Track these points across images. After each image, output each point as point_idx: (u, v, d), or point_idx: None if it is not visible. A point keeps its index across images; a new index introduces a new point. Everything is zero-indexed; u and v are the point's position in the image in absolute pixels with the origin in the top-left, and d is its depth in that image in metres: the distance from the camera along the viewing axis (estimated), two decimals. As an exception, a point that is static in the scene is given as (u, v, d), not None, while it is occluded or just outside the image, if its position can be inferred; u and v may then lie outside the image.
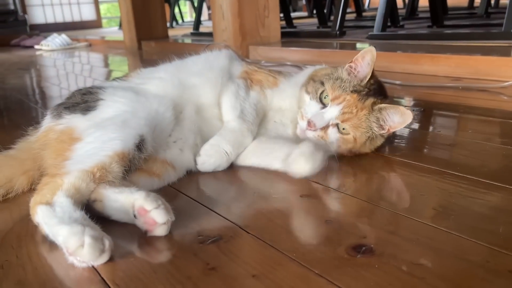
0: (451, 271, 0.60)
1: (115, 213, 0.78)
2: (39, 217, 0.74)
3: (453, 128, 1.25)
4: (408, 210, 0.77)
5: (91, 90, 1.01)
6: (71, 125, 0.92)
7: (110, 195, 0.78)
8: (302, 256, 0.65)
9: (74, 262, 0.65)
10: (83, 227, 0.66)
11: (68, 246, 0.65)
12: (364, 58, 0.98)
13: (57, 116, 0.95)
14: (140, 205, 0.72)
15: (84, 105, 0.96)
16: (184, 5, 8.91)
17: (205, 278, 0.62)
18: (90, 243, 0.64)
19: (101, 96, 0.98)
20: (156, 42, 4.17)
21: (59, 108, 0.98)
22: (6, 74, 3.16)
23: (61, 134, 0.91)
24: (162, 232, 0.73)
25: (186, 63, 1.16)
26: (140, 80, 1.10)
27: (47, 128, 0.95)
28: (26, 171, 0.95)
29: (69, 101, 0.99)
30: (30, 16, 7.62)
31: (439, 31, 2.96)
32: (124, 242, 0.72)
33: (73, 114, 0.94)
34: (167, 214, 0.72)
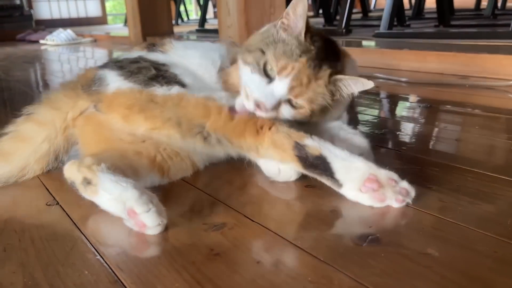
0: (458, 261, 0.59)
1: (107, 203, 0.74)
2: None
3: (459, 124, 1.24)
4: (414, 201, 0.76)
5: (156, 65, 0.93)
6: (181, 91, 0.87)
7: (106, 182, 0.73)
8: (307, 244, 0.65)
9: (391, 193, 0.73)
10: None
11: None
12: (296, 10, 0.82)
13: (145, 84, 0.88)
14: (130, 206, 0.68)
15: (176, 79, 0.90)
16: (189, 3, 8.91)
17: (209, 264, 0.61)
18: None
19: (178, 75, 0.92)
20: (162, 38, 4.16)
21: (136, 76, 0.89)
22: (11, 67, 3.16)
23: (178, 96, 0.87)
24: (153, 232, 0.69)
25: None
26: (179, 57, 1.00)
27: (136, 90, 0.87)
28: (41, 158, 0.92)
29: (147, 72, 0.90)
30: (36, 11, 7.62)
31: (445, 30, 2.94)
32: (127, 226, 0.72)
33: (170, 86, 0.88)
34: (158, 217, 0.68)
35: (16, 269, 0.62)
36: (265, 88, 0.83)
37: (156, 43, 1.06)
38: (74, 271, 0.61)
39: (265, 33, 0.88)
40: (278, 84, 0.83)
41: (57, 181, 0.89)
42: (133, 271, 0.61)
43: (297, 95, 0.83)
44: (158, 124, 0.86)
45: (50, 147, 0.93)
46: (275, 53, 0.83)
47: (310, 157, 0.78)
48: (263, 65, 0.84)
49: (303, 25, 0.83)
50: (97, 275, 0.60)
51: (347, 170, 0.76)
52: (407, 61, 2.05)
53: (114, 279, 0.59)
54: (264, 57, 0.84)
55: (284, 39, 0.84)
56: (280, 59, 0.82)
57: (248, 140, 0.83)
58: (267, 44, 0.85)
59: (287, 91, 0.83)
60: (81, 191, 0.76)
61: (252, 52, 0.86)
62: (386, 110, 1.49)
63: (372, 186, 0.74)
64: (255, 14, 2.86)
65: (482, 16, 3.85)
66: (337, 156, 0.77)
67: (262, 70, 0.84)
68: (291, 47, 0.83)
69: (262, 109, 0.83)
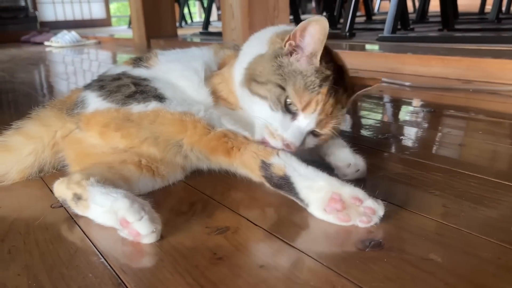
0: (462, 267, 0.59)
1: (100, 217, 0.73)
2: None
3: (463, 129, 1.24)
4: (417, 207, 0.76)
5: (138, 81, 0.93)
6: (158, 107, 0.87)
7: (96, 195, 0.73)
8: (310, 249, 0.65)
9: (354, 212, 0.69)
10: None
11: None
12: (308, 31, 0.79)
13: (122, 102, 0.88)
14: (122, 216, 0.67)
15: (153, 94, 0.89)
16: (193, 6, 8.94)
17: (212, 267, 0.61)
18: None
19: (159, 89, 0.91)
20: (165, 40, 4.18)
21: (114, 95, 0.90)
22: (15, 69, 3.18)
23: (153, 112, 0.86)
24: (149, 241, 0.68)
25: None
26: (163, 73, 1.00)
27: (113, 110, 0.88)
28: (24, 169, 0.94)
29: (125, 90, 0.90)
30: (41, 13, 7.67)
31: (449, 34, 2.94)
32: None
33: (148, 102, 0.87)
34: (151, 225, 0.67)
35: (20, 271, 0.63)
36: (291, 126, 0.82)
37: (142, 57, 1.07)
38: (78, 274, 0.61)
39: (272, 61, 0.83)
40: (304, 121, 0.81)
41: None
42: (136, 274, 0.61)
43: (324, 126, 0.84)
44: (135, 143, 0.87)
45: (36, 161, 0.95)
46: (295, 88, 0.80)
47: (275, 178, 0.76)
48: (284, 102, 0.81)
49: (320, 48, 0.79)
50: (101, 277, 0.60)
51: (311, 190, 0.73)
52: (410, 65, 2.05)
53: (117, 281, 0.59)
54: (285, 93, 0.81)
55: (300, 70, 0.81)
56: (303, 95, 0.80)
57: (221, 158, 0.84)
58: (283, 78, 0.81)
59: (314, 126, 0.83)
60: (73, 207, 0.76)
61: (264, 84, 0.83)
62: (389, 115, 1.49)
63: (335, 206, 0.70)
64: (259, 17, 2.87)
65: (487, 20, 3.85)
66: (301, 175, 0.74)
67: (284, 108, 0.81)
68: (311, 78, 0.80)
69: (293, 148, 0.81)
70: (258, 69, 0.85)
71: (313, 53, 0.80)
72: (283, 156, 0.77)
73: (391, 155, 1.05)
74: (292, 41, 0.82)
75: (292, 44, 0.82)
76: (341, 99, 0.84)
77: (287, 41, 0.83)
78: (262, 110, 0.84)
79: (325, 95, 0.80)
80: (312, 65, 0.81)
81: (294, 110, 0.82)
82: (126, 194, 0.72)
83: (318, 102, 0.80)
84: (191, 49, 1.12)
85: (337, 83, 0.83)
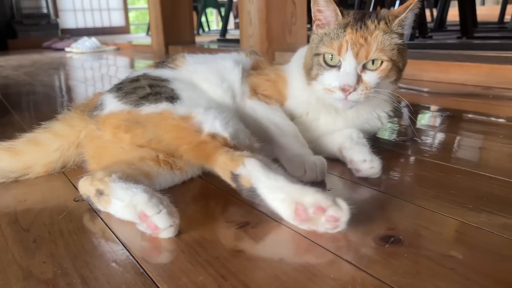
0: (483, 263, 0.59)
1: (120, 211, 0.75)
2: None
3: (483, 132, 1.23)
4: (438, 206, 0.76)
5: (155, 82, 0.97)
6: (166, 109, 0.88)
7: (117, 191, 0.75)
8: (330, 243, 0.65)
9: (320, 221, 0.67)
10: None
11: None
12: (318, 1, 0.94)
13: (135, 104, 0.90)
14: (141, 209, 0.69)
15: (166, 95, 0.91)
16: (211, 14, 9.04)
17: (233, 259, 0.62)
18: (343, 201, 0.67)
19: (175, 90, 0.94)
20: (183, 47, 4.23)
21: (129, 96, 0.93)
22: (37, 73, 3.25)
23: (159, 115, 0.88)
24: (167, 235, 0.69)
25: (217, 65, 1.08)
26: (190, 73, 1.05)
27: (126, 111, 0.90)
28: (49, 163, 0.98)
29: (140, 92, 0.93)
30: (62, 20, 7.85)
31: (468, 41, 2.92)
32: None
33: (159, 103, 0.89)
34: (169, 218, 0.68)
35: (46, 259, 0.65)
36: (339, 74, 0.91)
37: (167, 60, 1.11)
38: (101, 262, 0.63)
39: (309, 48, 0.99)
40: (345, 62, 0.90)
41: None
42: (158, 263, 0.62)
43: (366, 55, 0.89)
44: (143, 142, 0.89)
45: (61, 157, 0.99)
46: (325, 44, 0.92)
47: (244, 190, 0.75)
48: (323, 61, 0.93)
49: (334, 8, 0.93)
50: (123, 266, 0.62)
51: (278, 201, 0.71)
52: (429, 71, 2.05)
53: (139, 270, 0.60)
54: (320, 56, 0.93)
55: (324, 32, 0.95)
56: (332, 44, 0.91)
57: (209, 166, 0.84)
58: (317, 47, 0.95)
59: (355, 61, 0.89)
60: (96, 203, 0.78)
61: (312, 67, 0.96)
62: (407, 119, 1.48)
63: (301, 217, 0.69)
64: (276, 24, 2.89)
65: (506, 29, 3.81)
66: (266, 187, 0.72)
67: (326, 66, 0.93)
68: (334, 32, 0.92)
69: (351, 90, 0.89)
70: (307, 61, 1.00)
71: (332, 14, 0.94)
72: (248, 165, 0.75)
73: (410, 157, 1.05)
74: (314, 18, 0.96)
75: (317, 18, 0.96)
76: (376, 27, 0.91)
77: (314, 24, 0.97)
78: (319, 82, 0.95)
79: (350, 33, 0.90)
80: (335, 23, 0.94)
81: (335, 63, 0.92)
82: (145, 189, 0.73)
83: (347, 41, 0.90)
84: (220, 54, 1.17)
85: (363, 19, 0.92)
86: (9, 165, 0.94)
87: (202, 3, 6.75)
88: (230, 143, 0.82)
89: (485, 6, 6.90)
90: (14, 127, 1.44)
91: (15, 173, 0.95)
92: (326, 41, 0.93)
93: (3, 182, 0.95)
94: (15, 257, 0.65)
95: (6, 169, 0.94)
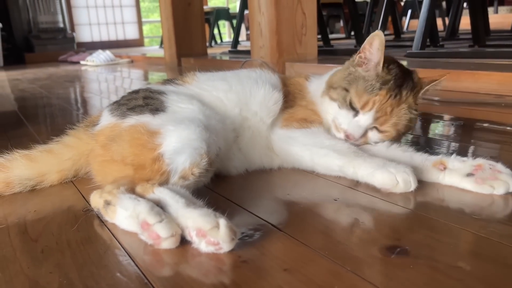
0: (491, 275, 0.57)
1: (124, 221, 0.75)
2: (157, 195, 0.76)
3: (495, 141, 1.21)
4: (446, 216, 0.75)
5: (151, 94, 0.98)
6: (142, 122, 0.89)
7: (124, 200, 0.75)
8: (334, 254, 0.65)
9: (201, 246, 0.66)
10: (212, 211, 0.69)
11: (201, 226, 0.66)
12: (372, 44, 0.94)
13: (121, 116, 0.93)
14: (143, 218, 0.69)
15: (152, 107, 0.93)
16: (223, 27, 9.14)
17: (237, 270, 0.62)
18: (225, 224, 0.65)
19: (165, 102, 0.95)
20: (195, 59, 4.28)
21: (120, 108, 0.95)
22: (53, 85, 3.32)
23: (133, 127, 0.89)
24: (169, 245, 0.68)
25: (244, 87, 1.07)
26: (199, 89, 1.07)
27: (112, 125, 0.93)
28: (62, 170, 1.00)
29: (131, 103, 0.96)
30: (78, 34, 8.01)
31: (480, 49, 2.89)
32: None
33: (141, 115, 0.91)
34: (171, 227, 0.68)
35: (52, 269, 0.65)
36: (352, 121, 0.97)
37: (175, 79, 1.12)
38: (107, 273, 0.63)
39: (345, 71, 1.01)
40: (363, 117, 0.95)
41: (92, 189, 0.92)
42: (162, 274, 0.62)
43: (382, 123, 0.96)
44: (119, 160, 0.87)
45: (73, 166, 1.01)
46: (357, 90, 0.95)
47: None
48: (348, 101, 0.97)
49: (381, 57, 0.94)
50: (128, 276, 0.62)
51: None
52: (440, 80, 2.03)
53: (144, 281, 0.61)
54: (349, 94, 0.96)
55: (363, 75, 0.97)
56: (362, 96, 0.94)
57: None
58: (349, 82, 0.98)
59: (372, 122, 0.95)
60: (104, 214, 0.79)
61: (336, 89, 1.00)
62: (418, 128, 1.47)
63: (192, 239, 0.68)
64: (287, 35, 2.91)
65: (520, 36, 3.77)
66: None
67: (348, 106, 0.97)
68: (371, 83, 0.95)
69: (352, 139, 0.97)
70: (334, 79, 1.03)
71: (377, 62, 0.95)
72: (159, 192, 0.77)
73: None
74: (362, 54, 0.97)
75: (362, 57, 0.97)
76: (405, 100, 0.95)
77: (357, 55, 0.99)
78: (332, 108, 1.00)
79: (383, 96, 0.93)
80: (376, 71, 0.96)
81: (356, 108, 0.96)
82: (149, 201, 0.74)
83: (375, 102, 0.94)
84: (244, 71, 1.16)
85: (401, 87, 0.95)
86: (26, 173, 0.96)
87: (214, 16, 6.84)
88: (167, 171, 0.81)
89: (498, 14, 6.84)
90: (30, 138, 1.46)
91: (31, 181, 0.97)
92: (359, 86, 0.95)
93: (20, 192, 0.97)
94: (22, 267, 0.66)
95: (23, 176, 0.96)
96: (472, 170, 0.86)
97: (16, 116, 2.00)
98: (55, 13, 7.12)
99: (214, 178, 0.97)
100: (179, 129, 0.86)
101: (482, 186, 0.84)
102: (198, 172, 0.83)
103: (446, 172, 0.89)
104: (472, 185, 0.85)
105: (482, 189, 0.83)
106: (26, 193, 0.97)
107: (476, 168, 0.86)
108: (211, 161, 0.86)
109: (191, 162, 0.82)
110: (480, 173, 0.85)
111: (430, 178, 0.91)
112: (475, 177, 0.85)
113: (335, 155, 0.93)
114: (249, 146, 1.04)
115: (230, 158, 1.02)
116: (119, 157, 0.87)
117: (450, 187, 0.88)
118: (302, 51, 2.98)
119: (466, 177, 0.86)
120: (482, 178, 0.84)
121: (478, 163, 0.87)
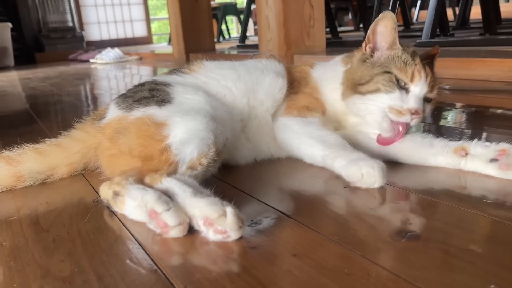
0: (503, 256, 0.57)
1: (133, 211, 0.76)
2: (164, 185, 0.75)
3: (508, 127, 1.19)
4: (458, 200, 0.74)
5: (157, 86, 0.98)
6: (149, 114, 0.89)
7: (132, 190, 0.75)
8: (344, 239, 0.64)
9: (209, 234, 0.66)
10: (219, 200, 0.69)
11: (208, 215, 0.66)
12: (387, 26, 0.95)
13: (128, 108, 0.93)
14: (151, 207, 0.69)
15: (158, 98, 0.93)
16: (231, 22, 9.13)
17: (247, 256, 0.62)
18: (232, 212, 0.65)
19: (171, 93, 0.95)
20: (204, 54, 4.27)
21: (126, 101, 0.95)
22: (63, 83, 3.35)
23: (139, 119, 0.89)
24: (177, 234, 0.68)
25: (251, 76, 1.07)
26: (207, 78, 1.06)
27: (118, 118, 0.93)
28: (71, 163, 1.01)
29: (137, 95, 0.96)
30: (87, 33, 8.05)
31: (491, 37, 2.85)
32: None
33: (147, 107, 0.91)
34: (179, 216, 0.68)
35: (64, 258, 0.66)
36: (410, 97, 0.92)
37: (182, 67, 1.12)
38: (117, 260, 0.64)
39: (364, 65, 0.98)
40: (417, 88, 0.92)
41: (102, 181, 0.93)
42: (171, 261, 0.63)
43: (432, 89, 0.94)
44: (127, 152, 0.87)
45: (82, 159, 1.01)
46: (398, 68, 0.93)
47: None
48: (396, 81, 0.93)
49: (396, 36, 0.95)
50: (138, 263, 0.62)
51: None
52: (450, 68, 2.00)
53: (153, 268, 0.61)
54: (392, 74, 0.93)
55: (391, 55, 0.96)
56: (406, 70, 0.93)
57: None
58: (384, 66, 0.95)
59: (426, 89, 0.93)
60: (113, 205, 0.79)
61: (369, 81, 0.95)
62: (429, 116, 1.45)
63: (200, 228, 0.68)
64: (295, 27, 2.89)
65: (532, 24, 3.70)
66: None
67: (398, 86, 0.93)
68: (403, 57, 0.94)
69: (420, 113, 0.91)
70: (357, 76, 0.98)
71: (393, 42, 0.96)
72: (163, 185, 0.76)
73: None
74: (370, 44, 0.98)
75: (371, 46, 0.98)
76: (430, 66, 0.96)
77: (365, 46, 0.99)
78: (378, 101, 0.93)
79: (420, 64, 0.93)
80: (397, 49, 0.96)
81: (404, 85, 0.93)
82: (156, 190, 0.74)
83: (419, 70, 0.92)
84: (252, 61, 1.16)
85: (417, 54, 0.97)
86: (36, 166, 0.97)
87: (221, 11, 6.82)
88: (175, 161, 0.81)
89: (510, 2, 6.72)
90: (41, 134, 1.48)
91: (41, 174, 0.98)
92: (397, 64, 0.93)
93: (31, 185, 0.98)
94: (34, 256, 0.67)
95: (34, 170, 0.97)
96: (496, 155, 0.84)
97: (27, 114, 2.02)
98: (64, 13, 7.17)
99: (222, 168, 0.97)
100: (186, 119, 0.86)
101: (507, 172, 0.82)
102: (206, 162, 0.83)
103: (468, 158, 0.87)
104: (496, 171, 0.83)
105: (507, 175, 0.82)
106: (37, 186, 0.98)
107: (500, 153, 0.84)
108: (219, 151, 0.86)
109: (199, 152, 0.82)
110: (505, 159, 0.83)
111: (451, 164, 0.89)
112: (499, 162, 0.83)
113: (320, 146, 0.91)
114: (257, 136, 1.04)
115: (238, 148, 1.02)
116: (127, 149, 0.87)
117: (473, 173, 0.86)
118: (310, 43, 2.97)
119: (490, 163, 0.84)
120: (507, 164, 0.82)
121: (502, 148, 0.84)
